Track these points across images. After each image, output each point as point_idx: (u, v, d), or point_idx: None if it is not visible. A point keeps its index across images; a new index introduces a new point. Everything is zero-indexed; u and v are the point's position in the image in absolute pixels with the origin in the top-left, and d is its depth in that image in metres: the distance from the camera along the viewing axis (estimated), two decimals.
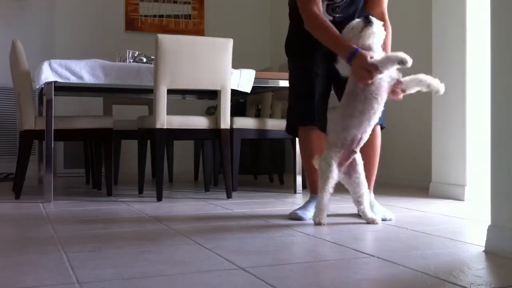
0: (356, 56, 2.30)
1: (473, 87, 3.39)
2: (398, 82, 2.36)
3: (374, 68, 2.28)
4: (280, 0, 6.15)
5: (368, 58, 2.28)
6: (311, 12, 2.48)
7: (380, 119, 2.64)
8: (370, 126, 2.39)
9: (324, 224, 2.40)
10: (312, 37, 2.50)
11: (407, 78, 2.36)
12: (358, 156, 2.43)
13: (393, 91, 2.37)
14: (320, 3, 2.51)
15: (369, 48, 2.34)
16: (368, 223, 2.44)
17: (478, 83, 3.38)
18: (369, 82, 2.31)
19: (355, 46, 2.32)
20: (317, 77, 2.63)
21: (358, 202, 2.45)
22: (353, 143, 2.40)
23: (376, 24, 2.35)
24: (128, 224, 2.55)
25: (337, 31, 2.41)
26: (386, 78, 2.34)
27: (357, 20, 2.38)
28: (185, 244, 2.01)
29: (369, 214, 2.45)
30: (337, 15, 2.58)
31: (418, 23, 4.12)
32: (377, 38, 2.36)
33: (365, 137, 2.41)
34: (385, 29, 2.46)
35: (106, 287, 1.45)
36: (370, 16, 2.35)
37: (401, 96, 2.39)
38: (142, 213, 2.81)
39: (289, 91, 2.79)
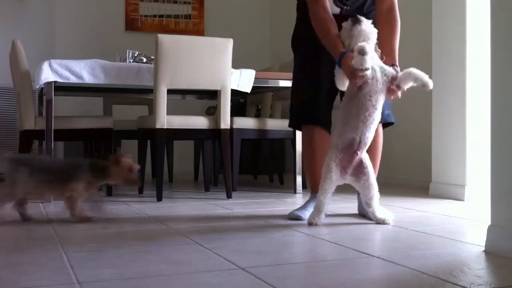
0: (343, 60, 2.29)
1: (473, 87, 3.39)
2: (392, 78, 2.32)
3: (354, 70, 2.24)
4: (280, 0, 6.15)
5: (350, 61, 2.24)
6: (317, 14, 2.45)
7: (389, 115, 2.63)
8: (368, 128, 2.35)
9: (317, 225, 2.38)
10: None
11: (401, 73, 2.33)
12: (366, 159, 2.40)
13: (389, 90, 2.34)
14: (327, 1, 2.48)
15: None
16: (378, 223, 2.43)
17: (478, 83, 3.38)
18: (359, 84, 2.28)
19: (343, 50, 2.31)
20: (324, 76, 2.57)
21: (367, 204, 2.43)
22: (352, 146, 2.36)
23: (365, 22, 2.33)
24: (128, 224, 2.55)
25: (337, 36, 2.38)
26: (380, 78, 2.31)
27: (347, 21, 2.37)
28: (185, 244, 2.01)
29: (379, 214, 2.43)
30: (345, 7, 2.54)
31: (418, 23, 4.12)
32: (367, 37, 2.32)
33: (365, 139, 2.36)
34: (392, 23, 2.45)
35: (106, 287, 1.45)
36: (358, 16, 2.34)
37: (399, 93, 2.34)
38: (142, 213, 2.81)
39: (293, 87, 2.74)
